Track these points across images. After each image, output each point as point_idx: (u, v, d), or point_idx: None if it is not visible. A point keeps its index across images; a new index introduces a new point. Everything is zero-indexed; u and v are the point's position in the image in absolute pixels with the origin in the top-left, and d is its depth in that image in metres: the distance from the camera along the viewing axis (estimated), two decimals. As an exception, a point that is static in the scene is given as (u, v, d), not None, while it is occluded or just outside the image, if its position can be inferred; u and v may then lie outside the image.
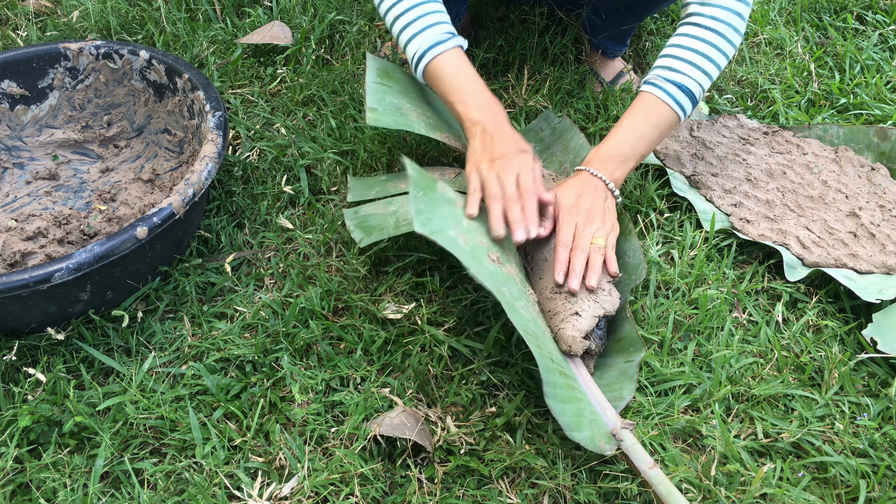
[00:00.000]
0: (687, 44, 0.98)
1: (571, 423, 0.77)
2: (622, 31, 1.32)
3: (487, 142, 0.94)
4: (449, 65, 0.98)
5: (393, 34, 1.02)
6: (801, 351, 0.95)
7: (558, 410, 0.77)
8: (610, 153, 0.97)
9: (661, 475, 0.75)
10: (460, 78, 0.98)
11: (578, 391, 0.82)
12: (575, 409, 0.79)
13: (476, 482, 0.81)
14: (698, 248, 1.06)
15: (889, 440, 0.85)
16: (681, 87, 0.97)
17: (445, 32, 0.99)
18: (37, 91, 1.21)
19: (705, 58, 0.97)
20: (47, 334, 0.91)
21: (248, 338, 0.95)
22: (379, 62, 1.09)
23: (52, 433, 0.84)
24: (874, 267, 1.03)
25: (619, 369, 0.90)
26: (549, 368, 0.77)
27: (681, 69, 0.97)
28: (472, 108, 0.96)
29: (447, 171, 1.12)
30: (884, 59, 1.46)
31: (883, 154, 1.22)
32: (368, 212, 1.03)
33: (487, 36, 1.46)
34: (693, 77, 0.97)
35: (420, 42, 0.98)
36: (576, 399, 0.80)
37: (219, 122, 1.05)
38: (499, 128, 0.95)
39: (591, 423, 0.79)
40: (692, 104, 0.98)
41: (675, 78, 0.97)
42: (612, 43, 1.35)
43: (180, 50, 1.42)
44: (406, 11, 0.99)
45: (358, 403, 0.86)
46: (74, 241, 1.08)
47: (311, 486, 0.79)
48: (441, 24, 0.99)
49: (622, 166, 0.97)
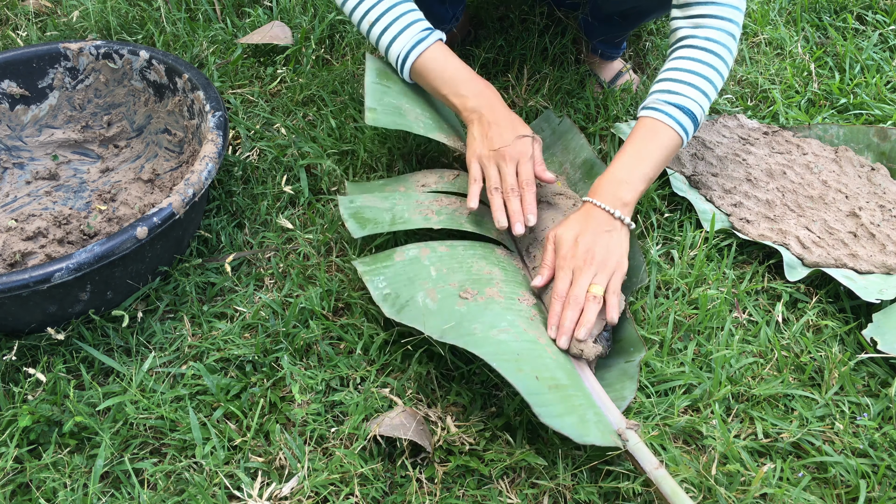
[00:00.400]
0: (684, 66, 0.96)
1: (579, 432, 0.76)
2: (617, 37, 1.32)
3: (486, 130, 0.96)
4: (434, 60, 1.00)
5: (371, 42, 1.04)
6: (801, 351, 0.95)
7: (559, 425, 0.75)
8: (615, 179, 0.93)
9: (667, 475, 0.75)
10: (449, 70, 1.00)
11: (578, 396, 0.81)
12: (577, 417, 0.78)
13: (476, 482, 0.81)
14: (698, 248, 1.06)
15: (889, 440, 0.85)
16: (681, 109, 0.94)
17: (423, 30, 1.00)
18: (37, 91, 1.21)
19: (703, 78, 0.95)
20: (47, 334, 0.91)
21: (248, 338, 0.95)
22: (378, 62, 1.10)
23: (52, 433, 0.84)
24: (874, 267, 1.03)
25: (620, 369, 0.90)
26: (534, 390, 0.76)
27: (679, 91, 0.95)
28: (467, 98, 0.98)
29: (446, 172, 1.12)
30: (884, 59, 1.46)
31: (883, 154, 1.22)
32: (364, 203, 1.03)
33: (487, 36, 1.46)
34: (692, 98, 0.95)
35: (401, 44, 1.00)
36: (575, 407, 0.79)
37: (219, 122, 1.05)
38: (495, 114, 0.97)
39: (597, 424, 0.79)
40: (694, 125, 0.96)
41: (674, 100, 0.95)
42: (608, 47, 1.35)
43: (180, 50, 1.42)
44: (380, 17, 1.00)
45: (358, 403, 0.86)
46: (74, 241, 1.08)
47: (311, 486, 0.79)
48: (417, 23, 1.00)
49: (631, 191, 0.92)
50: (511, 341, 0.82)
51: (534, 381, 0.77)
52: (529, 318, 0.88)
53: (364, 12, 1.01)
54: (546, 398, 0.77)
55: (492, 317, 0.85)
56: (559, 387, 0.80)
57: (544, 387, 0.78)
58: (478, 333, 0.82)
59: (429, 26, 1.01)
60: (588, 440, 0.76)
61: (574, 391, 0.81)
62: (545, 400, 0.76)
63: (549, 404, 0.76)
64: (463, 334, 0.82)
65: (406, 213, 1.01)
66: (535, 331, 0.86)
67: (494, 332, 0.82)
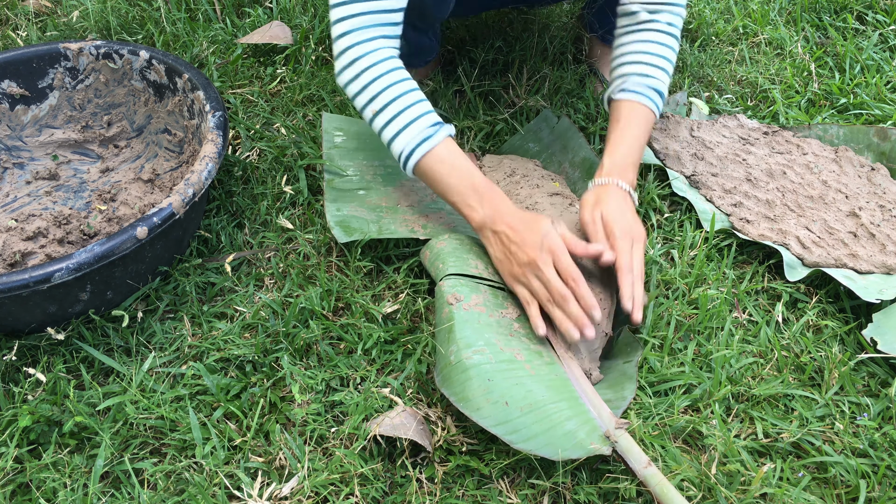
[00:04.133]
0: (654, 50, 1.04)
1: (554, 449, 0.77)
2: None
3: (505, 245, 0.91)
4: (440, 162, 0.94)
5: (374, 129, 0.98)
6: (801, 351, 0.95)
7: (532, 447, 0.77)
8: (624, 163, 1.00)
9: (657, 473, 0.75)
10: (455, 176, 0.94)
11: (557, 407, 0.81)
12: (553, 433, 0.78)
13: (476, 482, 0.81)
14: (698, 248, 1.06)
15: (889, 440, 0.85)
16: (658, 92, 1.04)
17: (431, 126, 0.95)
18: (37, 91, 1.21)
19: (668, 61, 1.05)
20: (47, 334, 0.91)
21: (248, 338, 0.95)
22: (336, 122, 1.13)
23: (52, 433, 0.84)
24: (874, 267, 1.03)
25: (619, 370, 0.90)
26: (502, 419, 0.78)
27: (655, 75, 1.04)
28: (474, 209, 0.93)
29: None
30: (884, 59, 1.46)
31: (883, 154, 1.22)
32: (351, 213, 1.04)
33: (487, 36, 1.46)
34: (663, 80, 1.05)
35: (406, 139, 0.94)
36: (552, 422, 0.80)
37: (219, 122, 1.05)
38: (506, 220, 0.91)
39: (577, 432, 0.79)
40: (663, 104, 1.07)
41: (653, 84, 1.04)
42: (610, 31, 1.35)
43: (180, 50, 1.42)
44: (386, 106, 0.94)
45: (358, 403, 0.86)
46: (74, 241, 1.08)
47: (311, 486, 0.79)
48: (425, 116, 0.95)
49: (634, 172, 1.01)
50: (484, 364, 0.83)
51: (503, 409, 0.79)
52: (509, 333, 0.89)
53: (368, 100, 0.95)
54: (517, 423, 0.78)
55: (470, 333, 0.85)
56: (532, 405, 0.80)
57: (515, 411, 0.79)
58: (451, 359, 0.83)
59: (437, 120, 0.96)
60: (564, 455, 0.76)
61: (553, 404, 0.81)
62: (516, 425, 0.78)
63: (521, 428, 0.78)
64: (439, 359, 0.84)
65: (392, 226, 1.03)
66: (512, 348, 0.87)
67: (468, 354, 0.83)
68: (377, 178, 1.13)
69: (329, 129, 1.16)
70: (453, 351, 0.83)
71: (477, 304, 0.89)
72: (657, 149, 1.22)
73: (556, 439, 0.78)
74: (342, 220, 1.03)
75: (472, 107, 1.32)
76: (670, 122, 1.28)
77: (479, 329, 0.86)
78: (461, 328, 0.85)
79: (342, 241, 0.99)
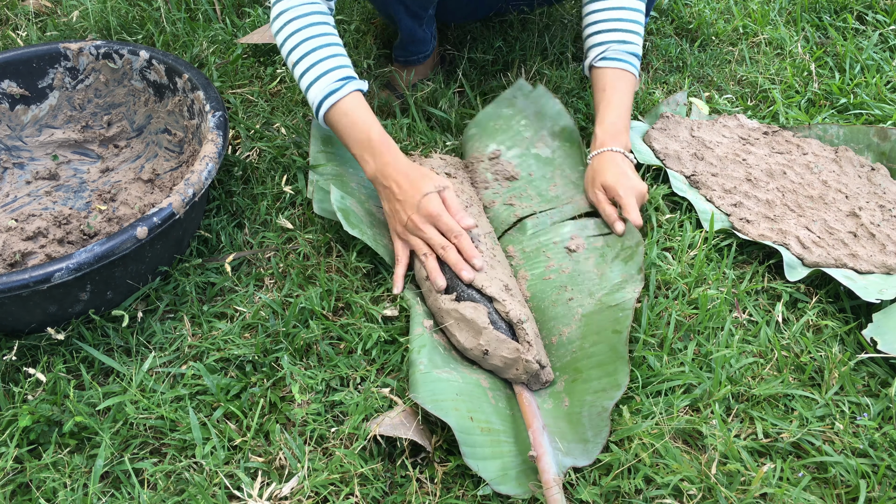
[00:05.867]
0: (626, 16, 1.11)
1: (496, 480, 0.77)
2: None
3: (393, 203, 0.97)
4: (344, 115, 0.99)
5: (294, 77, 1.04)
6: (801, 351, 0.95)
7: (480, 467, 0.77)
8: (615, 129, 1.08)
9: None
10: (355, 129, 0.99)
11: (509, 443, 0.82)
12: (500, 464, 0.79)
13: (476, 482, 0.81)
14: (698, 248, 1.06)
15: (889, 440, 0.85)
16: (637, 56, 1.12)
17: (340, 80, 0.99)
18: (37, 91, 1.21)
19: (640, 25, 1.13)
20: (47, 334, 0.91)
21: (248, 338, 0.95)
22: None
23: (52, 433, 0.84)
24: (874, 267, 1.03)
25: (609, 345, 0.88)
26: (466, 429, 0.79)
27: (631, 40, 1.11)
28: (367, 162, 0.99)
29: None
30: (884, 59, 1.46)
31: (883, 154, 1.22)
32: (351, 207, 1.04)
33: (487, 36, 1.46)
34: (639, 45, 1.12)
35: (317, 90, 1.00)
36: (502, 454, 0.80)
37: (219, 122, 1.05)
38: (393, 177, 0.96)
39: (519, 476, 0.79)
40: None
41: (632, 49, 1.11)
42: None
43: (180, 50, 1.42)
44: (304, 56, 1.00)
45: (358, 403, 0.86)
46: (74, 241, 1.08)
47: (311, 486, 0.79)
48: (338, 69, 0.99)
49: (626, 135, 1.09)
50: (453, 380, 0.85)
51: (468, 421, 0.80)
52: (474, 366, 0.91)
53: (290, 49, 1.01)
54: (476, 439, 0.79)
55: (439, 359, 0.88)
56: (491, 430, 0.82)
57: (476, 428, 0.80)
58: (422, 369, 0.84)
59: (349, 74, 1.01)
60: (501, 489, 0.77)
61: (506, 437, 0.83)
62: (475, 441, 0.79)
63: (478, 446, 0.79)
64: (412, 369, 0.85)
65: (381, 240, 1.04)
66: (478, 374, 0.89)
67: (438, 371, 0.85)
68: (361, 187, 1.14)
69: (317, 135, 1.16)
70: (423, 362, 0.86)
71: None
72: (657, 149, 1.22)
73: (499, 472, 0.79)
74: (345, 208, 1.01)
75: (472, 107, 1.32)
76: (670, 122, 1.28)
77: (446, 358, 0.89)
78: (431, 353, 0.88)
79: (348, 230, 0.98)
